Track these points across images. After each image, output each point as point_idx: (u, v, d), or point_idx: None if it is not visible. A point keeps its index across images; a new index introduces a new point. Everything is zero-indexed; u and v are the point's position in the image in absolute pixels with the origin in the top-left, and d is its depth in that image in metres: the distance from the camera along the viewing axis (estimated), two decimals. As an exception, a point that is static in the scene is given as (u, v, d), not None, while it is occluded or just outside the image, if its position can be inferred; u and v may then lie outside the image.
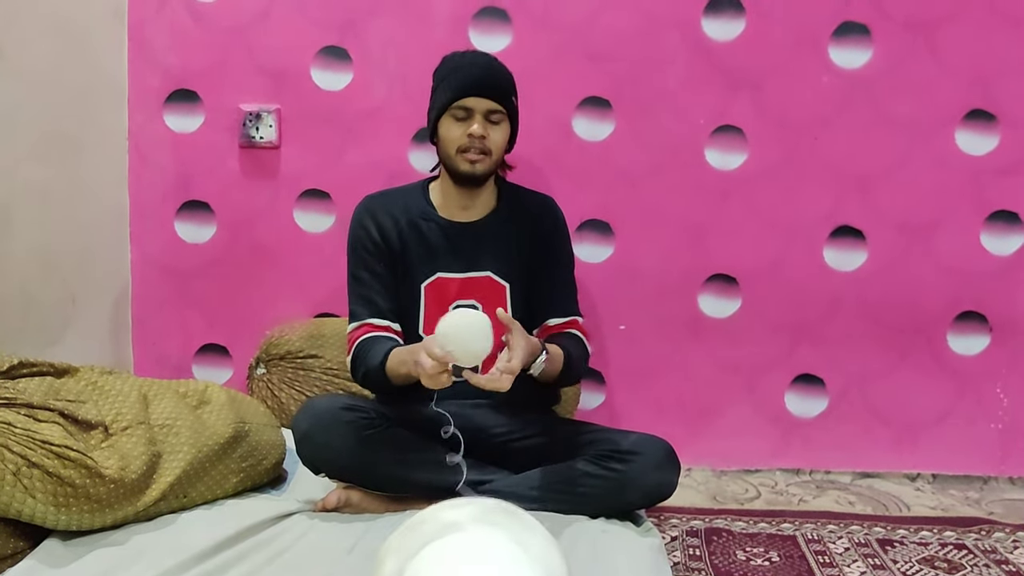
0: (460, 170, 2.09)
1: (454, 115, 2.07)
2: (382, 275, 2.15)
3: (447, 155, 2.10)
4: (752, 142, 2.70)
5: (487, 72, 2.09)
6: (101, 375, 2.03)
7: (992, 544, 2.23)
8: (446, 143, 2.09)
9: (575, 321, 2.22)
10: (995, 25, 2.62)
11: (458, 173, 2.10)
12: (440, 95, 2.09)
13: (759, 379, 2.78)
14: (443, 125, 2.09)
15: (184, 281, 2.85)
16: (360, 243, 2.16)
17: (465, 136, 2.05)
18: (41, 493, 1.67)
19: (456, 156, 2.07)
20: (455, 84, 2.06)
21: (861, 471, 2.77)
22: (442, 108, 2.08)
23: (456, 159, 2.08)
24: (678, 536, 2.24)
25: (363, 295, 2.14)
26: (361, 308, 2.14)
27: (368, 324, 2.12)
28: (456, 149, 2.07)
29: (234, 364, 2.88)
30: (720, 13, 2.67)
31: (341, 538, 1.85)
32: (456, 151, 2.07)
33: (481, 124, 2.05)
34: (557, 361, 2.05)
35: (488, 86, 2.07)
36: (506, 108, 2.09)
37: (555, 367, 2.05)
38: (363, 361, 2.08)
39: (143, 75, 2.77)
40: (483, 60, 2.14)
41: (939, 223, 2.70)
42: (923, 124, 2.67)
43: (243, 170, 2.80)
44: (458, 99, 2.05)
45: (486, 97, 2.06)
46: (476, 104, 2.06)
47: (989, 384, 2.74)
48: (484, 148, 2.06)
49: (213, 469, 1.95)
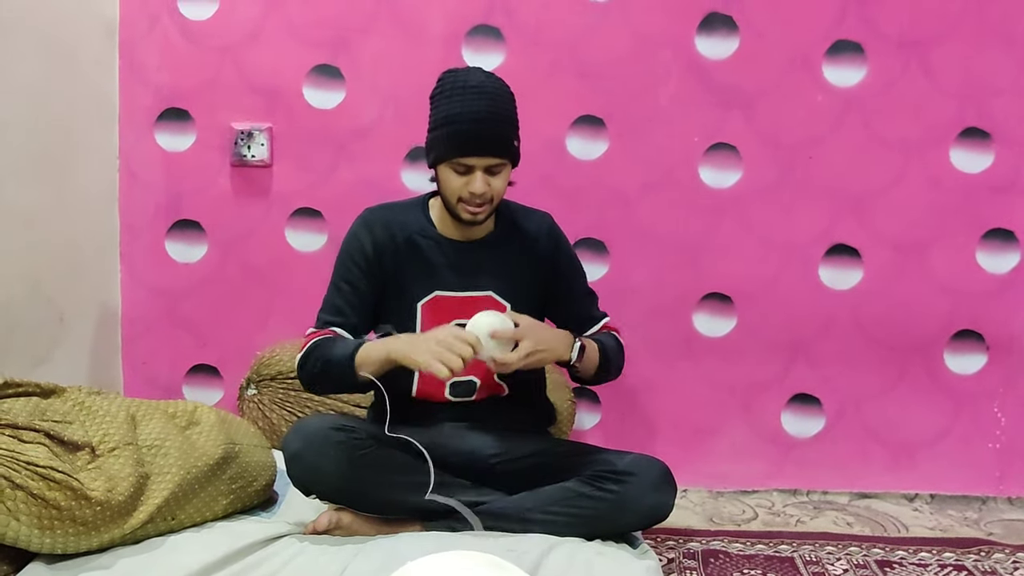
0: (461, 218, 2.04)
1: (454, 168, 1.99)
2: (363, 293, 2.10)
3: (447, 200, 2.04)
4: (746, 160, 2.69)
5: (485, 128, 1.97)
6: (88, 395, 2.00)
7: (992, 565, 2.21)
8: (446, 190, 2.02)
9: (605, 324, 2.25)
10: (988, 43, 2.63)
11: (459, 219, 2.06)
12: (438, 144, 1.99)
13: (755, 399, 2.76)
14: (442, 171, 2.02)
15: (174, 301, 2.82)
16: (350, 255, 2.12)
17: (466, 190, 2.00)
18: (25, 515, 1.64)
19: (457, 205, 2.02)
20: (453, 142, 1.97)
21: (858, 491, 2.74)
22: (439, 159, 2.00)
23: (457, 207, 2.03)
24: (675, 558, 2.21)
25: (338, 306, 2.10)
26: (332, 316, 2.09)
27: (332, 330, 2.07)
28: (457, 199, 2.02)
29: (225, 385, 2.84)
30: (713, 31, 2.67)
31: (331, 561, 1.82)
32: (457, 200, 2.03)
33: (482, 180, 1.98)
34: (593, 352, 2.09)
35: (488, 145, 1.97)
36: (506, 156, 2.02)
37: (592, 357, 2.09)
38: (322, 353, 2.00)
39: (134, 93, 2.76)
40: (481, 109, 1.96)
41: (934, 241, 2.69)
42: (917, 142, 2.66)
43: (235, 189, 2.78)
44: (458, 157, 1.97)
45: (485, 155, 1.98)
46: (476, 162, 1.98)
47: (986, 403, 2.72)
48: (485, 199, 2.03)
49: (202, 491, 1.92)
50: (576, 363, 2.06)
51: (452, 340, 1.84)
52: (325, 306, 2.12)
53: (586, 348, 2.08)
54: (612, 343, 2.18)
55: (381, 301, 2.13)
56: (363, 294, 2.10)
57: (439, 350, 1.82)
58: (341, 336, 2.06)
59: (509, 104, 2.03)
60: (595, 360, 2.11)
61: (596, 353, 2.11)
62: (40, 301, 2.47)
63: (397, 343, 1.94)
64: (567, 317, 2.19)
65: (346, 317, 2.09)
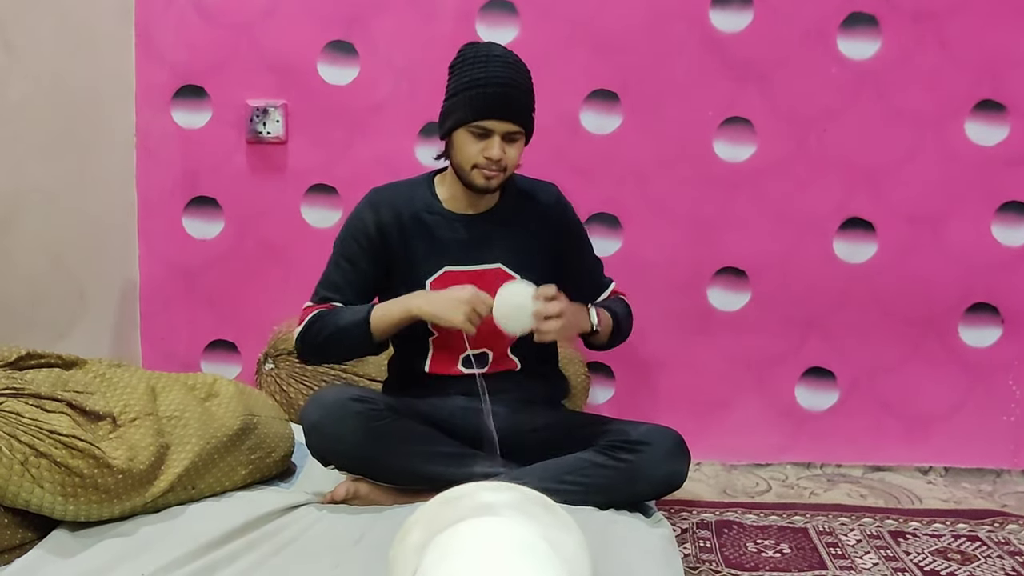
0: (475, 184, 2.05)
1: (472, 132, 2.01)
2: (363, 272, 2.12)
3: (461, 167, 2.05)
4: (761, 134, 2.69)
5: (509, 92, 2.00)
6: (109, 367, 2.02)
7: (1006, 536, 2.22)
8: (462, 156, 2.04)
9: (612, 289, 2.29)
10: (1004, 15, 2.61)
11: (472, 186, 2.07)
12: (458, 109, 2.01)
13: (769, 373, 2.77)
14: (459, 137, 2.03)
15: (192, 277, 2.85)
16: (353, 235, 2.14)
17: (482, 156, 2.01)
18: (49, 483, 1.66)
19: (472, 171, 2.04)
20: (476, 104, 1.99)
21: (872, 464, 2.75)
22: (458, 123, 2.02)
23: (471, 174, 2.04)
24: (688, 528, 2.23)
25: (336, 283, 2.12)
26: (330, 293, 2.11)
27: (332, 305, 2.10)
28: (472, 165, 2.04)
29: (242, 360, 2.87)
30: (728, 4, 2.66)
31: (349, 528, 1.84)
32: (472, 166, 2.04)
33: (499, 146, 2.00)
34: (607, 317, 2.15)
35: (509, 110, 2.00)
36: (525, 126, 2.05)
37: (606, 325, 2.14)
38: (327, 323, 2.04)
39: (150, 71, 2.78)
40: (504, 76, 2.01)
41: (949, 214, 2.68)
42: (932, 115, 2.65)
43: (250, 165, 2.80)
44: (478, 120, 1.99)
45: (506, 120, 2.00)
46: (496, 126, 2.00)
47: (1001, 376, 2.72)
48: (500, 167, 2.05)
49: (221, 461, 1.94)
50: (597, 328, 2.11)
51: (476, 299, 1.92)
52: (324, 281, 2.14)
53: (600, 315, 2.12)
54: (622, 308, 2.22)
55: (388, 280, 2.15)
56: (363, 273, 2.13)
57: (468, 309, 1.91)
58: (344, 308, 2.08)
59: (528, 78, 2.06)
60: (609, 327, 2.15)
61: (609, 320, 2.15)
62: (62, 276, 2.50)
63: (416, 300, 1.99)
64: (578, 285, 2.20)
65: (344, 294, 2.11)
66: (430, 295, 2.01)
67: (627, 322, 2.23)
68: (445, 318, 1.93)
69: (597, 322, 2.10)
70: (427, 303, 1.97)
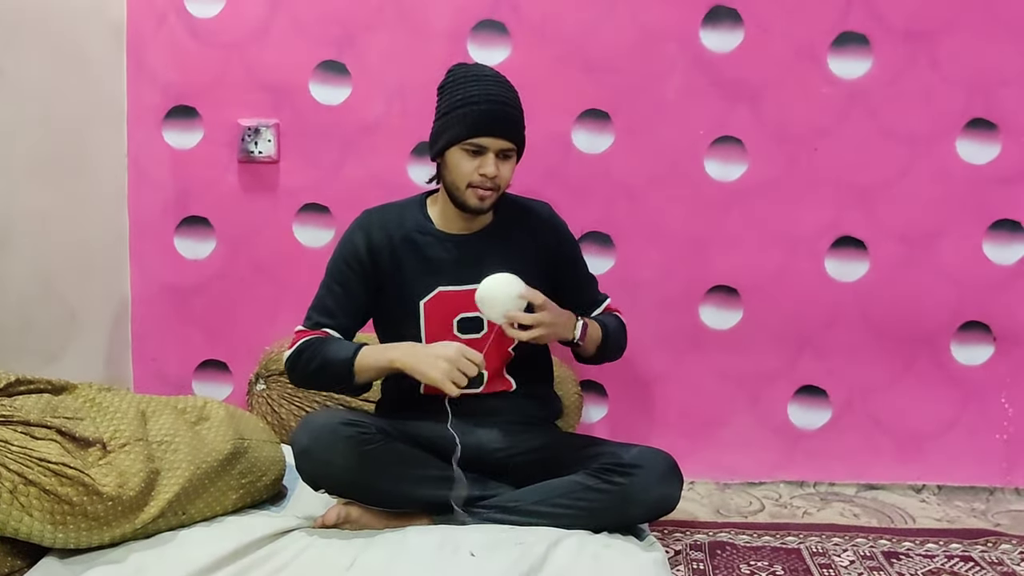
0: (468, 204, 2.06)
1: (466, 150, 2.02)
2: (355, 295, 2.13)
3: (455, 186, 2.06)
4: (752, 153, 2.70)
5: (503, 109, 2.03)
6: (99, 392, 2.02)
7: (999, 556, 2.21)
8: (456, 175, 2.05)
9: (607, 306, 2.30)
10: (995, 34, 2.62)
11: (465, 206, 2.07)
12: (452, 127, 2.03)
13: (761, 391, 2.77)
14: (453, 156, 2.04)
15: (184, 297, 2.84)
16: (345, 258, 2.15)
17: (476, 173, 2.03)
18: (38, 511, 1.66)
19: (466, 190, 2.05)
20: (470, 121, 2.01)
21: (865, 483, 2.74)
22: (452, 141, 2.03)
23: (465, 193, 2.05)
24: (681, 550, 2.22)
25: (329, 307, 2.13)
26: (322, 317, 2.13)
27: (324, 331, 2.11)
28: (467, 184, 2.04)
29: (234, 380, 2.86)
30: (718, 24, 2.67)
31: (340, 554, 1.84)
32: (467, 185, 2.04)
33: (494, 163, 2.02)
34: (596, 330, 2.15)
35: (504, 126, 2.03)
36: (518, 143, 2.08)
37: (595, 334, 2.15)
38: (316, 353, 2.05)
39: (142, 92, 2.78)
40: (497, 93, 2.05)
41: (941, 233, 2.69)
42: (924, 134, 2.66)
43: (242, 185, 2.79)
44: (474, 137, 2.01)
45: (500, 137, 2.03)
46: (492, 143, 2.02)
47: (994, 394, 2.72)
48: (494, 185, 2.05)
49: (212, 486, 1.94)
50: (579, 341, 2.10)
51: (460, 358, 1.91)
52: (316, 305, 2.15)
53: (588, 327, 2.12)
54: (614, 322, 2.24)
55: (380, 302, 2.15)
56: (355, 296, 2.13)
57: (448, 368, 1.90)
58: (332, 336, 2.10)
59: (518, 97, 2.10)
60: (597, 339, 2.16)
61: (598, 332, 2.16)
62: (52, 299, 2.49)
63: (399, 353, 2.00)
64: (573, 302, 2.21)
65: (337, 319, 2.12)
66: (414, 348, 2.01)
67: (618, 336, 2.24)
68: (423, 374, 1.94)
69: (579, 335, 2.10)
70: (408, 356, 1.98)
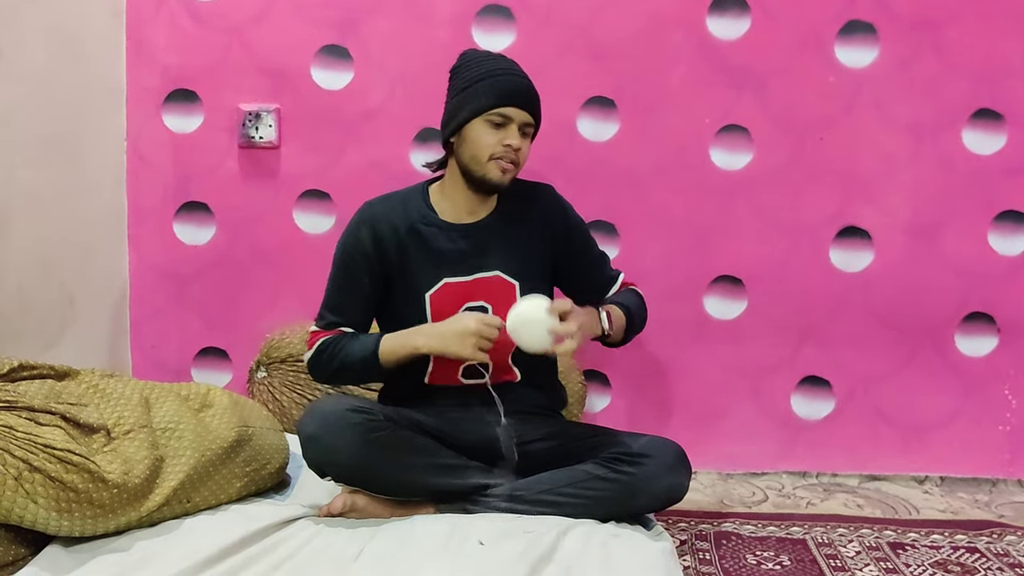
0: (489, 178, 2.02)
1: (491, 120, 2.00)
2: (364, 289, 2.10)
3: (475, 160, 2.02)
4: (757, 142, 2.68)
5: (526, 83, 2.04)
6: (102, 378, 1.99)
7: (1004, 547, 2.21)
8: (477, 148, 2.01)
9: (623, 281, 2.26)
10: (1002, 24, 2.61)
11: (485, 181, 2.03)
12: (475, 98, 2.00)
13: (765, 381, 2.76)
14: (475, 129, 2.01)
15: (183, 283, 2.81)
16: (349, 253, 2.11)
17: (500, 145, 2.00)
18: (43, 498, 1.63)
19: (488, 163, 2.01)
20: (497, 90, 2.00)
21: (868, 474, 2.74)
22: (477, 111, 2.00)
23: (487, 166, 2.01)
24: (687, 540, 2.21)
25: (340, 304, 2.11)
26: (335, 316, 2.10)
27: (340, 330, 2.09)
28: (489, 156, 2.01)
29: (234, 368, 2.84)
30: (725, 12, 2.65)
31: (347, 544, 1.81)
32: (489, 158, 2.01)
33: (517, 135, 2.01)
34: (619, 316, 2.10)
35: (529, 99, 2.03)
36: (537, 121, 2.07)
37: (620, 320, 2.10)
38: (337, 352, 2.04)
39: (141, 75, 2.74)
40: (519, 70, 2.06)
41: (946, 223, 2.68)
42: (930, 124, 2.65)
43: (242, 171, 2.76)
44: (500, 106, 1.99)
45: (526, 109, 2.02)
46: (516, 115, 2.00)
47: (997, 386, 2.71)
48: (516, 159, 2.03)
49: (216, 474, 1.92)
50: (608, 331, 2.06)
51: (482, 327, 1.92)
52: (327, 304, 2.12)
53: (612, 315, 2.08)
54: (634, 299, 2.19)
55: (386, 294, 2.12)
56: (364, 291, 2.11)
57: (476, 341, 1.91)
58: (348, 333, 2.08)
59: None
60: (622, 323, 2.11)
61: (621, 318, 2.11)
62: (51, 284, 2.46)
63: (424, 339, 1.99)
64: (587, 284, 2.19)
65: (349, 315, 2.10)
66: (435, 329, 1.99)
67: (641, 313, 2.20)
68: (455, 353, 1.94)
69: (608, 326, 2.06)
70: (434, 340, 1.97)
